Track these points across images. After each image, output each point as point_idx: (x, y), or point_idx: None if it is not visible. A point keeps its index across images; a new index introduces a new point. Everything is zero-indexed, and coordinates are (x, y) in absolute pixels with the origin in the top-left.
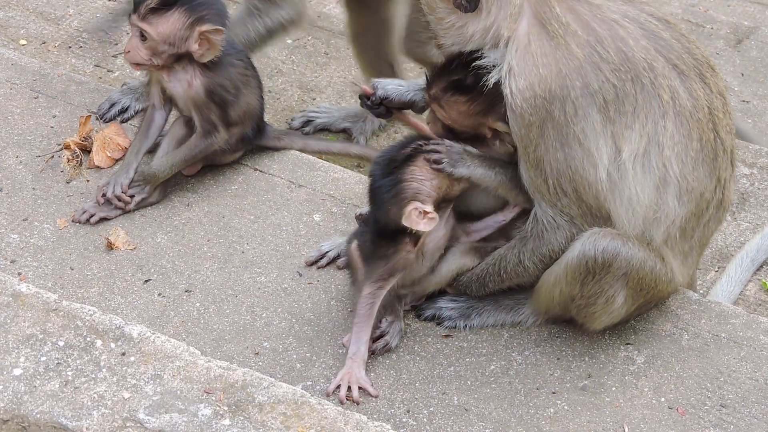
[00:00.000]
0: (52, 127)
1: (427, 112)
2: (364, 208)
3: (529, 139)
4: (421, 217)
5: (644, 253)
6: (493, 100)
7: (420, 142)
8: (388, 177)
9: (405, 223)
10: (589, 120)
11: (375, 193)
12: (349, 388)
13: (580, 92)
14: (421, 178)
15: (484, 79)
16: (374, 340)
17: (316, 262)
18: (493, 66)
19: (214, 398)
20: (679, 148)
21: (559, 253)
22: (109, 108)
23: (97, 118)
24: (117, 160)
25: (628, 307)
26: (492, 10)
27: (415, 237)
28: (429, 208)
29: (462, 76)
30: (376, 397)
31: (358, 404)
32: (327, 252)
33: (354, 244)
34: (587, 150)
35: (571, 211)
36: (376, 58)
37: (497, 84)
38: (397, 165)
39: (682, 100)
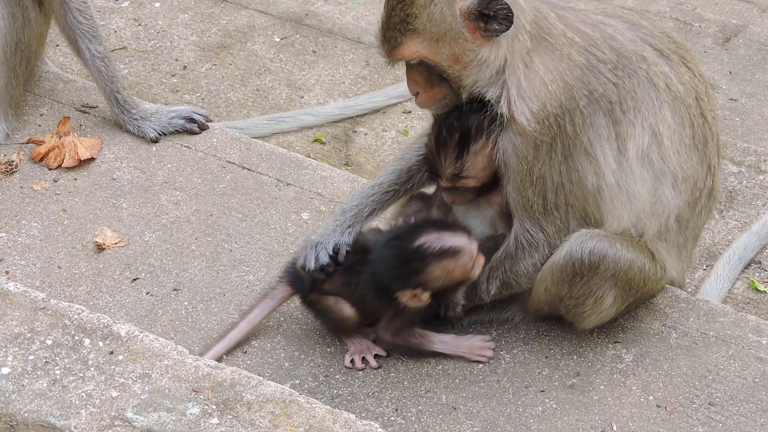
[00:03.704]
0: (39, 125)
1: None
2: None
3: (536, 159)
4: (413, 299)
5: (632, 254)
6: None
7: (465, 242)
8: (408, 259)
9: (397, 296)
10: (596, 127)
11: (387, 261)
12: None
13: (587, 101)
14: (436, 276)
15: (482, 116)
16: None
17: None
18: (500, 96)
19: (202, 397)
20: (675, 138)
21: (531, 269)
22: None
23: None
24: (72, 167)
25: (618, 306)
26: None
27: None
28: (426, 296)
29: (464, 131)
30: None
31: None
32: None
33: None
34: (593, 157)
35: (550, 228)
36: None
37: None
38: (423, 255)
39: (674, 86)
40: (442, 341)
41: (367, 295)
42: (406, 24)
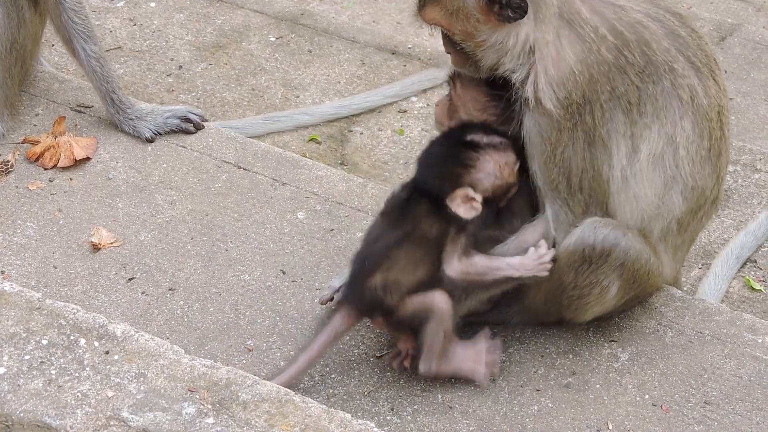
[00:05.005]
0: (35, 125)
1: None
2: None
3: (559, 142)
4: (466, 203)
5: (641, 246)
6: (509, 113)
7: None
8: (459, 152)
9: (448, 202)
10: (614, 122)
11: (436, 158)
12: None
13: (608, 96)
14: (488, 171)
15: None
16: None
17: (330, 300)
18: (526, 78)
19: (198, 397)
20: (692, 148)
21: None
22: None
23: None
24: (68, 166)
25: (618, 299)
26: (530, 16)
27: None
28: (478, 197)
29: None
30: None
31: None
32: (339, 288)
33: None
34: (609, 150)
35: (577, 209)
36: None
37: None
38: (474, 147)
39: (700, 99)
40: (509, 264)
41: (419, 230)
42: None
